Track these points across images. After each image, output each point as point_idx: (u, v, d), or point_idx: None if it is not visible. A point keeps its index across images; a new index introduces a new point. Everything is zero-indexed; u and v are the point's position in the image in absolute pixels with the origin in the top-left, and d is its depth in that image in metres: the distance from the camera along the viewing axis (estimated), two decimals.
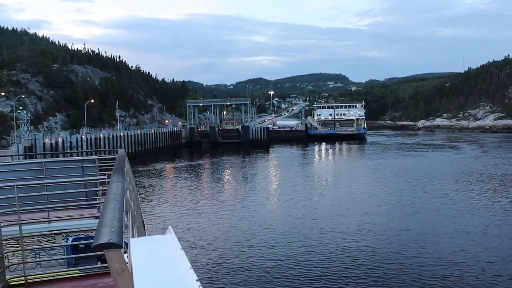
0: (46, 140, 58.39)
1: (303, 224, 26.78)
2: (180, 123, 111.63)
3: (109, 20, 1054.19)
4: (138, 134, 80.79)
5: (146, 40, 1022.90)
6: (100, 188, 9.54)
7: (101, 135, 69.22)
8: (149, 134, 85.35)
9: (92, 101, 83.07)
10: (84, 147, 61.54)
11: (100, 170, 10.51)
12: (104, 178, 8.09)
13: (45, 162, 10.24)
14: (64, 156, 35.03)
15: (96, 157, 11.97)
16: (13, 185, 5.84)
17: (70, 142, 60.99)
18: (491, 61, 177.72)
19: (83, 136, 64.93)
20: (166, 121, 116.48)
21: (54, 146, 57.54)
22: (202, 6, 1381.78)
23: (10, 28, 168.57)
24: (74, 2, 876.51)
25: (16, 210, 5.58)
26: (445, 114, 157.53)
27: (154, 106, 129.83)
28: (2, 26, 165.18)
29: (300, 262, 19.89)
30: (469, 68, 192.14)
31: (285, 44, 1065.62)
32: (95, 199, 9.55)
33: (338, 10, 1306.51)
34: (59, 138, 60.42)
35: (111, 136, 71.09)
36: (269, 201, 35.52)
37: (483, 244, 22.20)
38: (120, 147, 61.40)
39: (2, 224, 5.37)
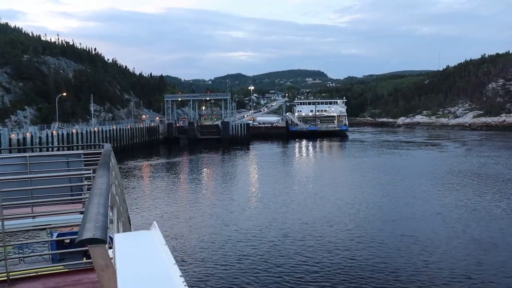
0: (13, 135, 54.53)
1: (283, 220, 26.78)
2: (157, 118, 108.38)
3: (87, 12, 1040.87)
4: (113, 129, 77.42)
5: (124, 34, 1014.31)
6: (86, 183, 9.20)
7: (74, 131, 65.63)
8: (125, 129, 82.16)
9: (65, 94, 78.91)
10: (55, 143, 58.09)
11: (85, 165, 10.37)
12: (90, 173, 7.92)
13: (29, 156, 10.06)
14: (48, 150, 34.53)
15: (81, 151, 11.80)
16: None
17: (40, 137, 57.25)
18: (468, 59, 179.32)
19: (54, 132, 61.23)
20: (143, 116, 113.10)
21: (22, 142, 53.75)
22: (182, 0, 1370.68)
23: None
24: None
25: None
26: (425, 111, 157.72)
27: (131, 101, 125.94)
28: None
29: (280, 257, 20.06)
30: (447, 66, 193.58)
31: (264, 40, 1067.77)
32: (80, 194, 9.40)
33: (319, 6, 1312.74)
34: (27, 134, 56.60)
35: (84, 132, 67.63)
36: (247, 201, 33.29)
37: (473, 249, 21.05)
38: (94, 143, 58.71)
39: None
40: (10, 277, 5.42)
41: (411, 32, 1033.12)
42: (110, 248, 2.74)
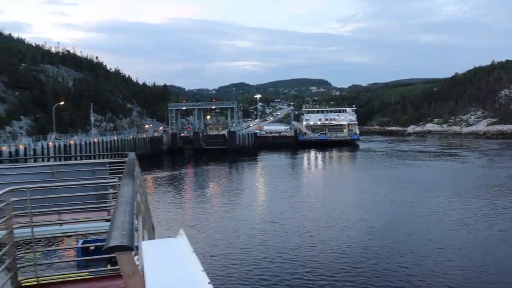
0: (4, 148, 50.34)
1: (295, 232, 26.12)
2: (161, 128, 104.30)
3: (91, 23, 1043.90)
4: (114, 140, 73.46)
5: (128, 44, 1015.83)
6: (111, 191, 9.31)
7: (71, 142, 61.53)
8: (127, 140, 78.23)
9: (62, 103, 74.64)
10: (51, 154, 53.99)
11: (110, 173, 10.51)
12: (115, 181, 8.31)
13: (56, 165, 10.45)
14: (76, 159, 35.49)
15: (106, 160, 11.86)
16: (26, 188, 5.76)
17: (34, 149, 53.13)
18: (476, 66, 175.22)
19: (49, 143, 57.14)
20: (146, 126, 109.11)
21: (14, 155, 49.58)
22: (186, 10, 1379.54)
23: None
24: (55, 5, 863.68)
25: (28, 212, 5.58)
26: (436, 119, 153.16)
27: (133, 110, 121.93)
28: None
29: (300, 266, 20.21)
30: (456, 73, 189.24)
31: (268, 49, 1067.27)
32: (105, 202, 9.39)
33: (321, 15, 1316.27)
34: (20, 146, 52.43)
35: (83, 143, 63.56)
36: (257, 220, 29.51)
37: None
38: (95, 155, 54.76)
39: (14, 226, 5.25)
40: (40, 282, 5.42)
41: (414, 41, 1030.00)
42: (135, 255, 2.70)
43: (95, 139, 68.01)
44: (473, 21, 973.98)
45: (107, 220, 7.60)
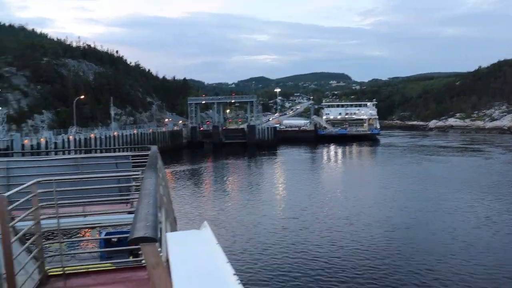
0: (26, 141, 50.80)
1: (315, 229, 25.74)
2: (181, 121, 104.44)
3: (112, 18, 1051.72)
4: (134, 134, 73.68)
5: (148, 39, 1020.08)
6: (133, 183, 9.48)
7: (92, 135, 61.89)
8: (147, 134, 78.39)
9: (82, 97, 75.09)
10: (72, 148, 54.33)
11: (133, 166, 10.57)
12: (137, 174, 8.08)
13: (81, 157, 10.65)
14: (97, 152, 35.64)
15: (129, 153, 11.95)
16: (52, 179, 5.84)
17: (55, 143, 53.52)
18: (501, 59, 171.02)
19: (70, 136, 57.56)
20: (166, 119, 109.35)
21: (36, 148, 50.00)
22: (206, 4, 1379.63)
23: (7, 24, 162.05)
24: (77, 0, 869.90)
25: (54, 204, 5.66)
26: (458, 114, 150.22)
27: (153, 104, 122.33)
28: (0, 22, 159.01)
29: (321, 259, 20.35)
30: (479, 67, 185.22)
31: (288, 43, 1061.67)
32: (128, 195, 9.56)
33: (342, 9, 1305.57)
34: (42, 139, 52.86)
35: (103, 137, 63.85)
36: (277, 216, 28.99)
37: None
38: (115, 148, 54.92)
39: (41, 217, 5.32)
40: (66, 272, 5.47)
41: (435, 34, 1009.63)
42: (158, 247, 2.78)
43: (115, 133, 68.32)
44: (499, 12, 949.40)
45: (129, 213, 7.86)
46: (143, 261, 5.48)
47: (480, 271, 18.45)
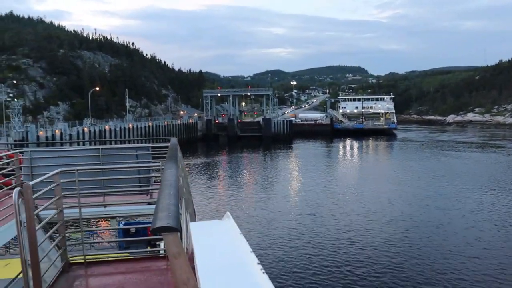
0: (41, 132, 50.73)
1: (332, 225, 25.23)
2: (196, 114, 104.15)
3: (128, 10, 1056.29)
4: (149, 126, 73.46)
5: (164, 31, 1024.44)
6: (153, 175, 9.62)
7: (107, 127, 61.70)
8: (162, 126, 78.10)
9: (97, 89, 74.98)
10: (86, 139, 54.16)
11: (153, 158, 10.63)
12: (158, 165, 7.85)
13: (102, 148, 10.48)
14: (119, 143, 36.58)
15: (149, 144, 11.85)
16: (74, 170, 5.90)
17: (70, 135, 53.40)
18: None
19: (85, 128, 57.41)
20: (181, 112, 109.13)
21: (51, 139, 49.90)
22: None
23: (26, 17, 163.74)
24: None
25: (76, 194, 5.76)
26: (477, 109, 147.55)
27: (168, 96, 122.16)
28: (18, 15, 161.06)
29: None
30: (500, 61, 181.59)
31: (303, 36, 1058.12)
32: (148, 186, 9.59)
33: (359, 1, 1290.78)
34: (57, 131, 52.77)
35: (118, 129, 63.64)
36: (293, 212, 28.26)
37: None
38: (129, 140, 54.72)
39: (64, 206, 5.42)
40: (87, 260, 5.62)
41: (454, 28, 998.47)
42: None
43: (130, 125, 68.11)
44: None
45: (149, 203, 7.95)
46: (161, 251, 5.93)
47: (503, 274, 17.59)
